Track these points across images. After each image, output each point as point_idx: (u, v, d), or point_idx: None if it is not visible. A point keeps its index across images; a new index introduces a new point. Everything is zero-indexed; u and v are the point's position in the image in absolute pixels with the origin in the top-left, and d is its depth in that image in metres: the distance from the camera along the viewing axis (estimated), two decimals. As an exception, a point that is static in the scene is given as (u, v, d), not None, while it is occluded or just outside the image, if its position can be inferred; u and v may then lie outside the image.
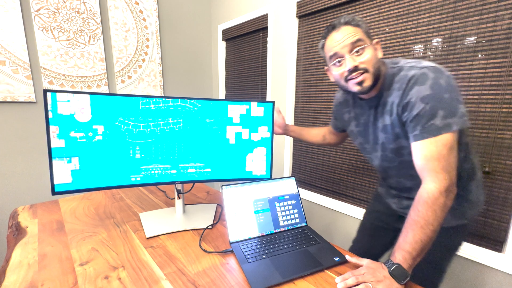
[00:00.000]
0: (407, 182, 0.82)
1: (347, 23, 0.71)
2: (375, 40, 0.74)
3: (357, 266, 0.70)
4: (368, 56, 0.70)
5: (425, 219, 0.62)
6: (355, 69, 0.71)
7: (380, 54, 0.74)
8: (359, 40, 0.69)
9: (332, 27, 0.73)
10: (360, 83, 0.72)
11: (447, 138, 0.62)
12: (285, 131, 1.17)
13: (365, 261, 0.67)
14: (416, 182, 0.78)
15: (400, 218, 0.93)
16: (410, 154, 0.73)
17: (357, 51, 0.70)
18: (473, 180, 0.78)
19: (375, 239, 1.02)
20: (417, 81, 0.65)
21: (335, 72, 0.76)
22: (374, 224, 1.03)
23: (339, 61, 0.73)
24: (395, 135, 0.74)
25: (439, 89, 0.62)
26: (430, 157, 0.63)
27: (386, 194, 0.96)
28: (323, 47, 0.78)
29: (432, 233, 0.62)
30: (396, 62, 0.75)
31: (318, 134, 1.17)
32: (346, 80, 0.74)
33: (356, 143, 0.92)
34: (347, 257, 0.71)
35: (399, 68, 0.72)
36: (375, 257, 1.01)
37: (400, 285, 0.60)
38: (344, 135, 1.11)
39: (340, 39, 0.71)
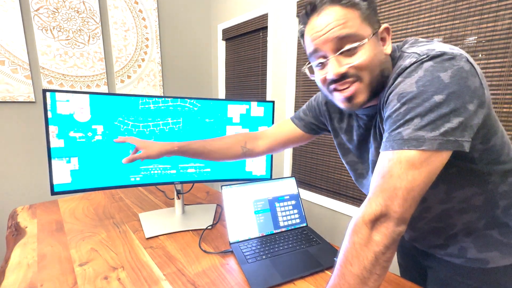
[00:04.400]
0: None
1: (334, 0, 0.48)
2: (383, 26, 0.50)
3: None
4: (364, 57, 0.48)
5: (344, 254, 0.46)
6: (342, 77, 0.50)
7: (389, 49, 0.51)
8: (349, 35, 0.48)
9: (312, 8, 0.51)
10: (349, 99, 0.52)
11: (408, 156, 0.43)
12: (165, 152, 0.72)
13: None
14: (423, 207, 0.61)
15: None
16: None
17: (347, 50, 0.49)
18: None
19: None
20: (407, 73, 0.45)
21: (316, 76, 0.56)
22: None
23: (321, 62, 0.52)
24: None
25: (429, 86, 0.42)
26: (378, 173, 0.46)
27: None
28: (302, 35, 0.56)
29: (354, 279, 0.43)
30: (401, 45, 0.54)
31: (235, 142, 0.79)
32: (330, 90, 0.54)
33: (345, 160, 0.71)
34: None
35: (400, 55, 0.51)
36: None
37: None
38: (308, 137, 0.81)
39: (321, 29, 0.49)
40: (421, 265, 0.74)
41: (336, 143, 0.72)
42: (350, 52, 0.49)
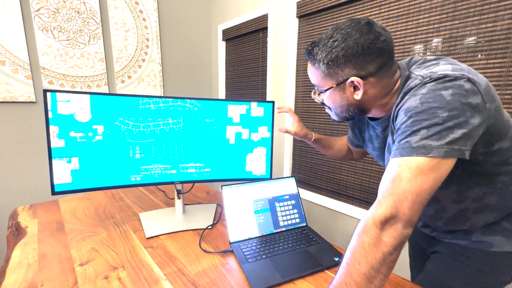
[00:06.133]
0: (427, 208, 0.67)
1: (309, 58, 0.64)
2: (350, 80, 0.58)
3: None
4: (325, 101, 0.66)
5: (352, 253, 0.48)
6: (322, 103, 0.69)
7: (358, 96, 0.59)
8: (315, 84, 0.65)
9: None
10: (329, 114, 0.71)
11: (417, 162, 0.46)
12: (305, 136, 0.94)
13: None
14: (436, 207, 0.65)
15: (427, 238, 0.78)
16: None
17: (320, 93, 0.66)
18: None
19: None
20: (412, 92, 0.52)
21: None
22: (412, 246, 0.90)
23: None
24: None
25: (433, 102, 0.47)
26: (387, 177, 0.49)
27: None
28: None
29: (361, 278, 0.45)
30: (409, 64, 0.61)
31: (343, 146, 0.97)
32: None
33: (382, 164, 0.78)
34: None
35: (408, 75, 0.57)
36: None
37: None
38: (363, 151, 0.95)
39: (308, 73, 0.68)
40: (425, 252, 0.79)
41: (368, 152, 0.82)
42: (321, 95, 0.66)
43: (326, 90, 0.63)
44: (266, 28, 1.97)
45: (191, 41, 2.41)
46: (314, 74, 0.64)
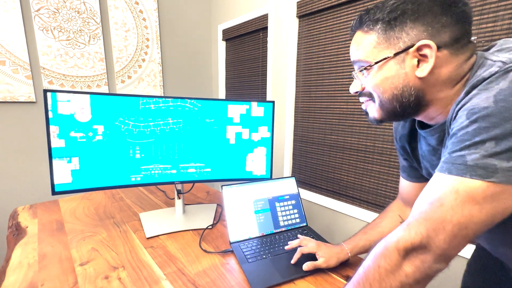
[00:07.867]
0: (507, 250, 0.50)
1: (360, 25, 0.48)
2: (417, 45, 0.42)
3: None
4: (370, 81, 0.48)
5: (365, 273, 0.42)
6: (359, 94, 0.52)
7: (422, 72, 0.43)
8: (358, 60, 0.49)
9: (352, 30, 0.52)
10: (366, 113, 0.54)
11: (469, 186, 0.35)
12: (340, 260, 0.70)
13: None
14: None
15: None
16: None
17: (361, 72, 0.49)
18: None
19: None
20: (485, 85, 0.36)
21: None
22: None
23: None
24: None
25: (510, 103, 0.33)
26: (426, 196, 0.39)
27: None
28: None
29: None
30: (487, 50, 0.46)
31: (393, 218, 0.73)
32: None
33: None
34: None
35: (482, 63, 0.42)
36: None
37: None
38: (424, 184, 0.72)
39: (350, 50, 0.52)
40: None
41: (425, 174, 0.62)
42: (364, 74, 0.49)
43: (377, 62, 0.46)
44: (266, 28, 1.97)
45: (191, 41, 2.41)
46: (363, 43, 0.47)
